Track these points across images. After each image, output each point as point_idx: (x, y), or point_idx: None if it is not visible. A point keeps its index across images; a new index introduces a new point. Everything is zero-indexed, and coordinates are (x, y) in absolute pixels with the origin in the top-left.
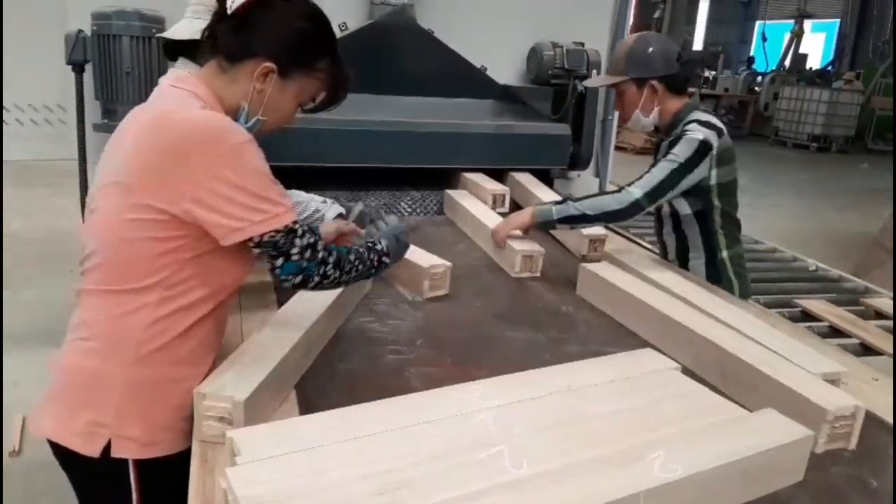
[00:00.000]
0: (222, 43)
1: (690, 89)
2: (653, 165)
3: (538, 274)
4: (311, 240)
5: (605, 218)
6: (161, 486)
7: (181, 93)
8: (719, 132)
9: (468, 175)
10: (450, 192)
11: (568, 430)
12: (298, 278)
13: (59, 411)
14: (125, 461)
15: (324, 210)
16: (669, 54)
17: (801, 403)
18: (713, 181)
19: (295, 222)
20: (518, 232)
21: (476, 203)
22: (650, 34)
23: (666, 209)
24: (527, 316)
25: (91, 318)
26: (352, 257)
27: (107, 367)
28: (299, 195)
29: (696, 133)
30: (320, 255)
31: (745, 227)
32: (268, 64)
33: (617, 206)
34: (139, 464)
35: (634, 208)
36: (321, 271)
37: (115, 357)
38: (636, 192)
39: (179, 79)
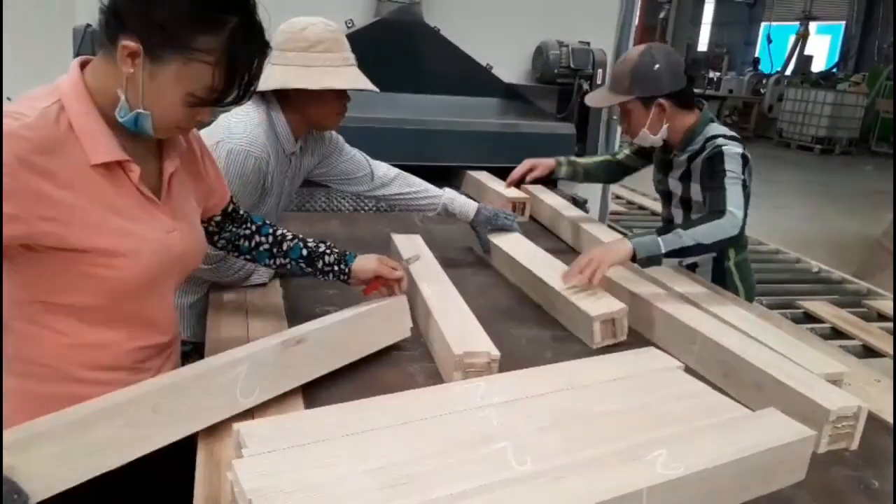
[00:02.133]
0: (105, 17)
1: (695, 90)
2: (708, 185)
3: (624, 337)
4: None
5: (721, 245)
6: None
7: (50, 84)
8: (742, 143)
9: (473, 174)
10: (494, 239)
11: (571, 427)
12: None
13: None
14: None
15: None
16: (676, 68)
17: (804, 403)
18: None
19: None
20: (601, 274)
21: (529, 249)
22: (655, 46)
23: (678, 220)
24: (529, 313)
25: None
26: None
27: (5, 376)
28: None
29: (735, 147)
30: None
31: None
32: (129, 44)
33: (733, 232)
34: None
35: (742, 230)
36: None
37: (7, 365)
38: (738, 212)
39: (68, 69)
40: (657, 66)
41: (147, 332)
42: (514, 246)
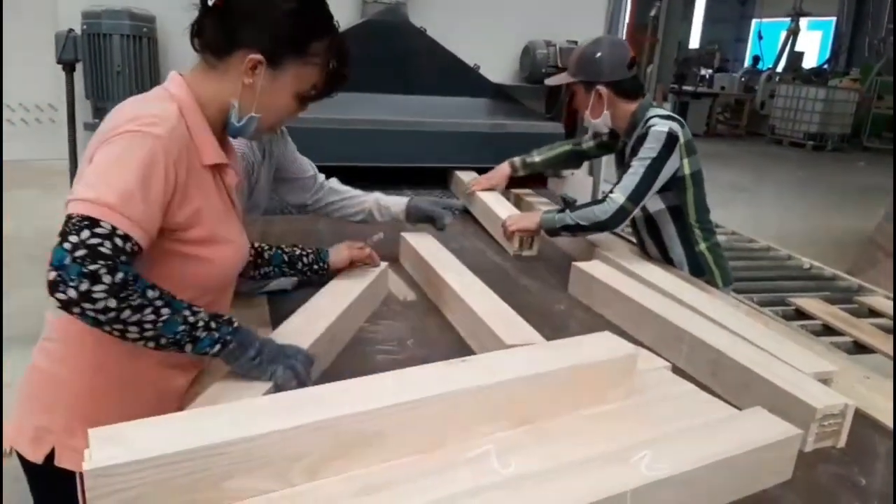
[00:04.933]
0: (208, 37)
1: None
2: (628, 166)
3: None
4: (103, 247)
5: (597, 228)
6: None
7: (157, 90)
8: (681, 123)
9: (461, 174)
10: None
11: (556, 429)
12: (52, 274)
13: (16, 414)
14: (73, 473)
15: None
16: (619, 60)
17: (790, 402)
18: (686, 171)
19: (111, 225)
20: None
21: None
22: (605, 38)
23: (637, 212)
24: (518, 315)
25: (55, 319)
26: (154, 300)
27: (62, 371)
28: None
29: (661, 126)
30: (95, 266)
31: (739, 225)
32: (255, 56)
33: (603, 216)
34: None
35: (620, 215)
36: (83, 287)
37: (72, 361)
38: (619, 198)
39: (170, 79)
40: (599, 54)
41: None
42: (431, 250)
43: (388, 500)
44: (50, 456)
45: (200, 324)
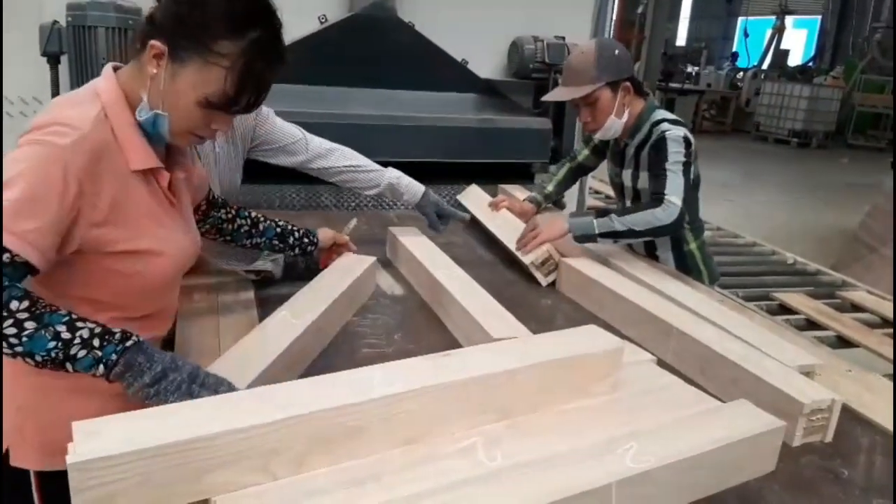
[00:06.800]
0: (137, 28)
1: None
2: (654, 172)
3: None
4: None
5: (655, 233)
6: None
7: (88, 87)
8: (687, 127)
9: (476, 189)
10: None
11: (542, 421)
12: None
13: None
14: (27, 472)
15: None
16: (629, 56)
17: (779, 397)
18: (691, 175)
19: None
20: (533, 246)
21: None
22: (605, 39)
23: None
24: (506, 310)
25: None
26: (17, 312)
27: (11, 371)
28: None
29: (678, 131)
30: None
31: (725, 221)
32: (155, 42)
33: (668, 220)
34: (41, 476)
35: (681, 217)
36: None
37: (11, 366)
38: (676, 200)
39: (102, 73)
40: (617, 51)
41: (151, 326)
42: (420, 245)
43: (374, 492)
44: (6, 456)
45: (78, 341)
